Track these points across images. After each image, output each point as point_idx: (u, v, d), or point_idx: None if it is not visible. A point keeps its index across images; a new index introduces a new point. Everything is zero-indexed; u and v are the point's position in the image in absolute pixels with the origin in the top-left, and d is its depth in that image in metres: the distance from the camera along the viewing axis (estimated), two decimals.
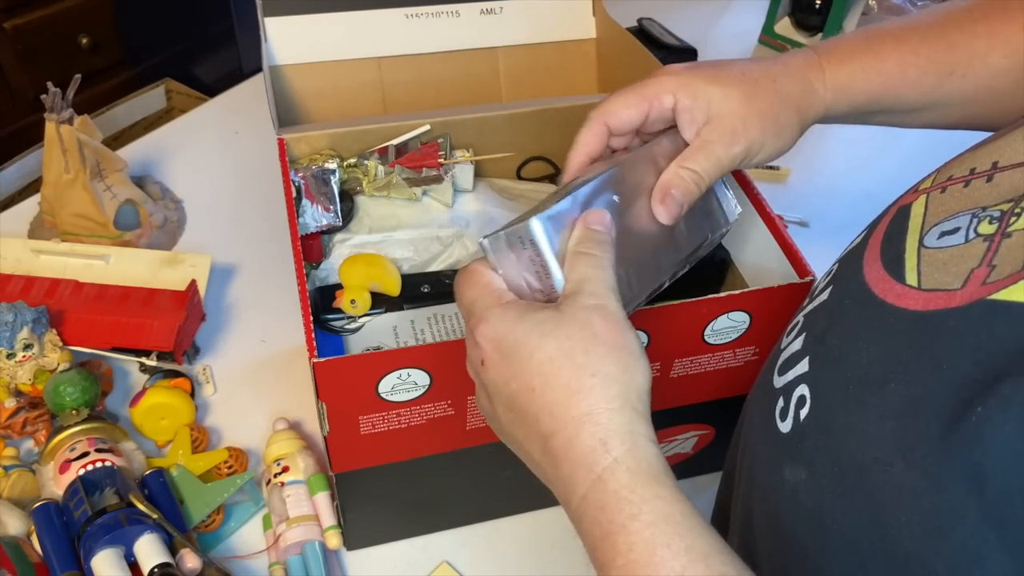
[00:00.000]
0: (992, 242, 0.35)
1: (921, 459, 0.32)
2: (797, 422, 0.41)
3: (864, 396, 0.36)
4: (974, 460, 0.30)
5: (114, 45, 1.60)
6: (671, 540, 0.35)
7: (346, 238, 0.69)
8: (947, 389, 0.32)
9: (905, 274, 0.38)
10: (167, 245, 0.89)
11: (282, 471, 0.67)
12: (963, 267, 0.35)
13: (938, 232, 0.38)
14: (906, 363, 0.35)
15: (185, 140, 1.02)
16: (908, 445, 0.33)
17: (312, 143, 0.69)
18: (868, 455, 0.35)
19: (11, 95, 1.49)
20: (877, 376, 0.36)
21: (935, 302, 0.35)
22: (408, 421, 0.56)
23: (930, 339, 0.35)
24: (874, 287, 0.39)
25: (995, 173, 0.39)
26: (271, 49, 0.76)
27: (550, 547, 0.69)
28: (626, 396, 0.38)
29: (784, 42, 1.23)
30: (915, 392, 0.34)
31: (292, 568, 0.64)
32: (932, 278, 0.36)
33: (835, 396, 0.38)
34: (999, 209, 0.36)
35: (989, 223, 0.36)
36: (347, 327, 0.66)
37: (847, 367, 0.38)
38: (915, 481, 0.33)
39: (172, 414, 0.72)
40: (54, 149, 0.80)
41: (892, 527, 0.34)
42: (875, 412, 0.35)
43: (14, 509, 0.62)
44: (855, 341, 0.38)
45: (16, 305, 0.69)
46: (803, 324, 0.44)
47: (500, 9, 0.81)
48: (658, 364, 0.59)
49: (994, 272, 0.34)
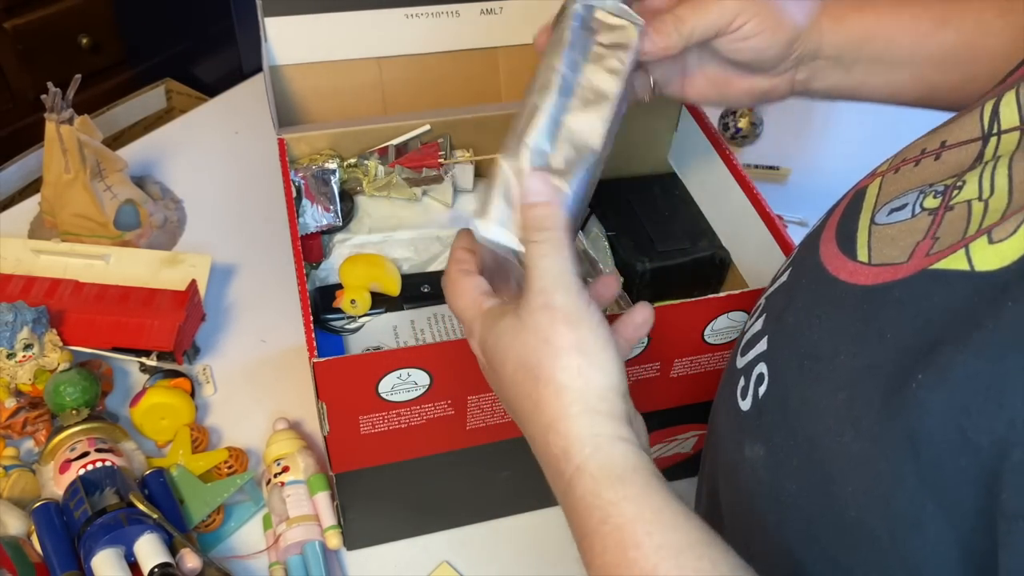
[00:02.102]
0: (936, 215, 0.36)
1: (867, 427, 0.33)
2: (756, 399, 0.41)
3: (817, 370, 0.37)
4: (911, 427, 0.31)
5: (114, 45, 1.60)
6: (641, 540, 0.35)
7: (346, 238, 0.69)
8: (890, 358, 0.33)
9: (857, 251, 0.39)
10: (167, 245, 0.89)
11: (282, 471, 0.67)
12: (909, 240, 0.36)
13: (888, 209, 0.39)
14: (854, 336, 0.36)
15: (185, 140, 1.02)
16: (856, 415, 0.34)
17: (312, 143, 0.69)
18: (822, 426, 0.36)
19: (11, 95, 1.49)
20: (828, 350, 0.37)
21: (883, 276, 0.36)
22: (408, 421, 0.56)
23: (875, 310, 0.35)
24: (828, 265, 0.40)
25: (943, 152, 0.40)
26: (271, 49, 0.76)
27: (550, 547, 0.69)
28: (584, 400, 0.38)
29: None
30: (862, 363, 0.35)
31: (292, 568, 0.64)
32: (881, 253, 0.37)
33: (790, 372, 0.39)
34: (943, 184, 0.38)
35: (934, 198, 0.37)
36: (347, 327, 0.66)
37: (801, 343, 0.39)
38: (863, 449, 0.33)
39: (172, 414, 0.72)
40: (54, 149, 0.80)
41: (840, 497, 0.35)
42: (828, 385, 0.36)
43: (14, 509, 0.62)
44: (809, 318, 0.39)
45: (16, 305, 0.69)
46: (764, 305, 0.45)
47: (500, 9, 0.81)
48: (658, 364, 0.59)
49: (937, 244, 0.35)
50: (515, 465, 0.64)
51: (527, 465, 0.65)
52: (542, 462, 0.40)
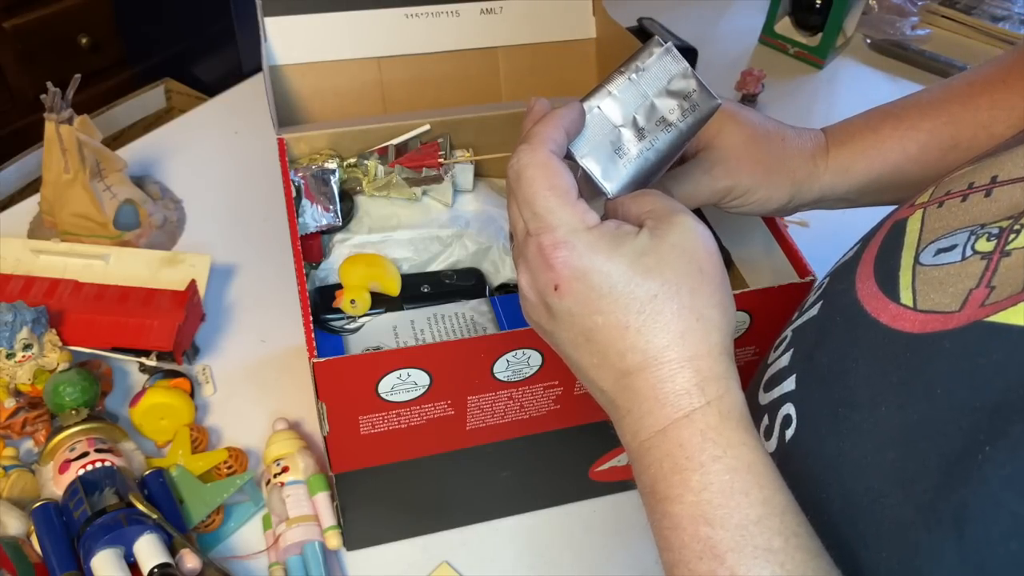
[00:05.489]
0: (991, 261, 0.34)
1: (920, 494, 0.31)
2: (782, 442, 0.39)
3: (855, 420, 0.35)
4: (962, 499, 0.29)
5: (114, 45, 1.60)
6: (750, 488, 0.34)
7: (346, 238, 0.69)
8: (946, 417, 0.31)
9: (900, 292, 0.36)
10: (167, 245, 0.89)
11: (282, 471, 0.67)
12: (960, 287, 0.34)
13: (934, 249, 0.37)
14: (896, 386, 0.34)
15: (185, 140, 1.02)
16: (909, 477, 0.32)
17: (312, 143, 0.69)
18: (861, 484, 0.34)
19: (11, 95, 1.49)
20: (866, 398, 0.35)
21: (931, 324, 0.34)
22: (408, 421, 0.56)
23: (921, 361, 0.33)
24: (867, 305, 0.37)
25: (994, 188, 0.37)
26: (271, 49, 0.76)
27: (550, 547, 0.69)
28: (725, 342, 0.37)
29: (784, 42, 1.23)
30: (910, 418, 0.32)
31: (292, 568, 0.63)
32: (928, 298, 0.35)
33: (823, 418, 0.37)
34: (998, 226, 0.35)
35: (987, 240, 0.35)
36: (347, 327, 0.66)
37: (836, 388, 0.37)
38: (905, 515, 0.31)
39: (172, 414, 0.72)
40: (54, 149, 0.80)
41: (869, 562, 0.33)
42: (872, 440, 0.34)
43: (14, 509, 0.62)
44: (844, 361, 0.37)
45: (16, 305, 0.69)
46: (791, 339, 0.43)
47: (500, 9, 0.81)
48: None
49: (993, 293, 0.32)
50: (515, 465, 0.64)
51: (527, 465, 0.65)
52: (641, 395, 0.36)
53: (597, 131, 0.44)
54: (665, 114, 0.44)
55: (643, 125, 0.44)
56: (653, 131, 0.44)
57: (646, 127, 0.44)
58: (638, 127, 0.44)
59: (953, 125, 0.53)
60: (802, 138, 0.54)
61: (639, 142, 0.44)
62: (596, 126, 0.44)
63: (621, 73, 0.44)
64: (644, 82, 0.44)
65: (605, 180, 0.44)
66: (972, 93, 0.53)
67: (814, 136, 0.55)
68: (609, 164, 0.44)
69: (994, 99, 0.52)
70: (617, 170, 0.44)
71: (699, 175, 0.51)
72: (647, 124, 0.44)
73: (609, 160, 0.44)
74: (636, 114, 0.44)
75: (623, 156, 0.44)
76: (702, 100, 0.45)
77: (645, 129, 0.44)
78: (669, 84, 0.44)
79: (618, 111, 0.44)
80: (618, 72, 0.44)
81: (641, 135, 0.44)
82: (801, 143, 0.54)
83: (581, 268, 0.36)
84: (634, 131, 0.44)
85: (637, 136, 0.44)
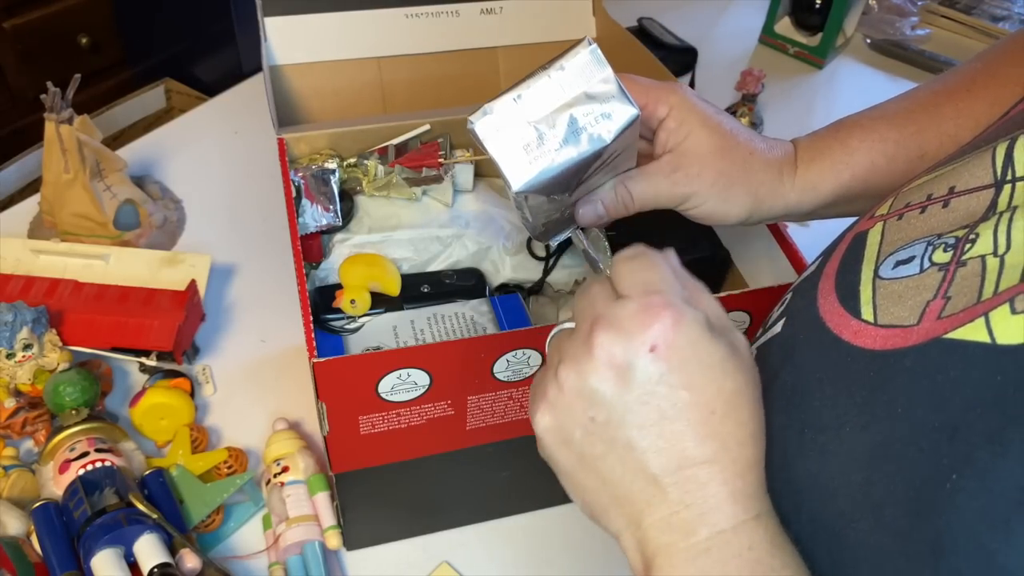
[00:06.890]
0: (947, 271, 0.33)
1: (891, 520, 0.30)
2: None
3: (821, 441, 0.34)
4: (938, 528, 0.29)
5: (114, 45, 1.60)
6: None
7: (346, 238, 0.69)
8: (907, 437, 0.31)
9: (861, 308, 0.36)
10: (167, 245, 0.89)
11: (282, 471, 0.67)
12: (918, 299, 0.34)
13: (893, 262, 0.36)
14: (859, 404, 0.33)
15: (185, 140, 1.02)
16: (876, 501, 0.31)
17: (312, 143, 0.69)
18: (832, 508, 0.33)
19: (11, 95, 1.49)
20: (831, 419, 0.34)
21: (892, 340, 0.33)
22: (408, 421, 0.56)
23: (883, 380, 0.33)
24: (829, 322, 0.37)
25: (951, 198, 0.37)
26: (271, 49, 0.76)
27: (550, 547, 0.69)
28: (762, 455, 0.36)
29: (784, 42, 1.23)
30: (874, 439, 0.32)
31: (292, 568, 0.63)
32: (888, 312, 0.34)
33: (791, 441, 0.36)
34: (954, 236, 0.35)
35: (944, 251, 0.34)
36: (347, 327, 0.66)
37: (802, 408, 0.36)
38: (880, 542, 0.31)
39: (172, 414, 0.72)
40: (54, 149, 0.80)
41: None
42: (837, 461, 0.33)
43: (14, 509, 0.62)
44: (809, 381, 0.36)
45: (16, 305, 0.69)
46: (756, 357, 0.42)
47: (500, 9, 0.81)
48: None
49: (949, 304, 0.32)
50: (515, 465, 0.64)
51: (527, 465, 0.65)
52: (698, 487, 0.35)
53: (510, 124, 0.42)
54: (579, 118, 0.43)
55: (556, 126, 0.43)
56: (567, 134, 0.43)
57: (559, 129, 0.43)
58: (552, 126, 0.43)
59: (920, 135, 0.53)
60: (771, 152, 0.53)
61: (550, 143, 0.43)
62: (510, 119, 0.42)
63: (543, 70, 0.42)
64: (562, 82, 0.42)
65: (510, 175, 0.43)
66: (937, 103, 0.53)
67: (784, 151, 0.54)
68: (518, 159, 0.43)
69: (958, 108, 0.52)
70: (525, 167, 0.43)
71: (660, 178, 0.50)
72: (560, 126, 0.42)
73: (518, 155, 0.43)
74: (550, 114, 0.42)
75: (530, 154, 0.43)
76: (618, 108, 0.43)
77: (557, 131, 0.43)
78: (589, 87, 0.43)
79: (532, 108, 0.42)
80: (541, 68, 0.43)
81: (554, 137, 0.43)
82: (769, 159, 0.53)
83: (689, 335, 0.35)
84: (547, 131, 0.43)
85: (549, 137, 0.43)
